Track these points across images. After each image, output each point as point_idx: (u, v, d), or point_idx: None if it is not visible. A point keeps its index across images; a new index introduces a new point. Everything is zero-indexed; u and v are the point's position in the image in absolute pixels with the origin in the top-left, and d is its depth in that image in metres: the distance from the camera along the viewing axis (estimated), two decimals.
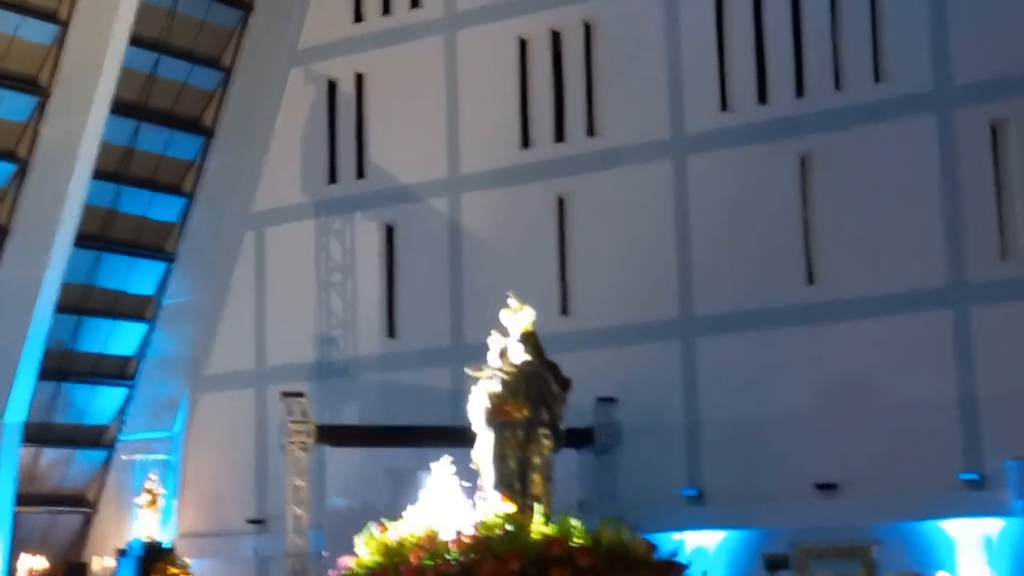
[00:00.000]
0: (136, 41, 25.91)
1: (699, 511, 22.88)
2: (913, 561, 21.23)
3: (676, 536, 22.62)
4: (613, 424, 23.03)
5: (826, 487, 21.88)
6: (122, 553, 23.59)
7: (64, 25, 25.66)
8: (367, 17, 27.55)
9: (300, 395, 21.76)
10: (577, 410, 20.92)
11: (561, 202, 25.22)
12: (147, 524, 23.95)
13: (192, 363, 28.44)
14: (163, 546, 23.66)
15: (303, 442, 21.23)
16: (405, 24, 27.09)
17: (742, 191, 23.42)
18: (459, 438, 18.92)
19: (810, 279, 22.94)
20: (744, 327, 23.09)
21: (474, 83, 26.26)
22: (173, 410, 28.40)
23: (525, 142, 25.72)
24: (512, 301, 15.52)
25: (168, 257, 28.74)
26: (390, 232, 26.97)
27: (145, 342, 28.82)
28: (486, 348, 16.75)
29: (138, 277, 28.58)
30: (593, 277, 24.60)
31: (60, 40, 25.72)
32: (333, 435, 22.04)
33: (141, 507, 23.97)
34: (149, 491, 24.14)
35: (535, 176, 25.39)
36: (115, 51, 25.21)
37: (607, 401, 23.08)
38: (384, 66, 27.20)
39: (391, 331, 26.65)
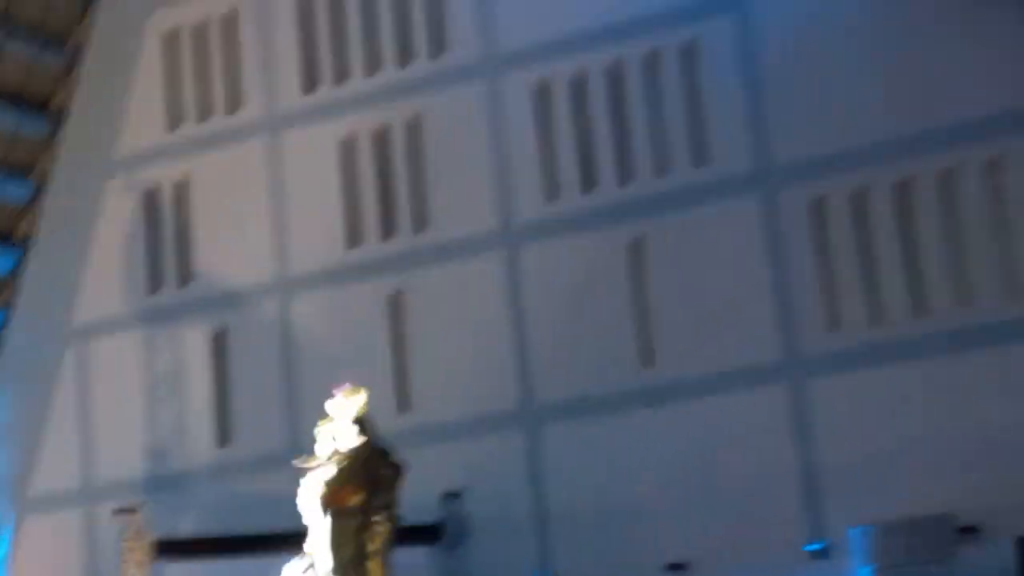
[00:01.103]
0: None
1: None
2: None
3: None
4: (461, 518, 22.76)
5: (676, 568, 21.95)
6: None
7: None
8: (185, 122, 27.14)
9: (134, 510, 20.96)
10: (424, 506, 20.72)
11: (394, 298, 25.05)
12: None
13: (15, 484, 27.21)
14: None
15: (139, 560, 20.40)
16: (225, 128, 26.76)
17: (575, 279, 23.61)
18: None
19: (648, 362, 23.16)
20: (586, 413, 23.15)
21: (299, 184, 26.03)
22: None
23: (354, 240, 25.54)
24: (345, 385, 15.36)
25: None
26: (219, 338, 26.39)
27: None
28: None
29: None
30: (432, 372, 24.41)
31: None
32: (171, 549, 21.24)
33: None
34: None
35: (366, 274, 25.20)
36: None
37: (453, 496, 22.82)
38: (205, 170, 26.79)
39: (224, 439, 25.97)
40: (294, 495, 24.49)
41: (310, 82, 26.37)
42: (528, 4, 24.78)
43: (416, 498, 18.09)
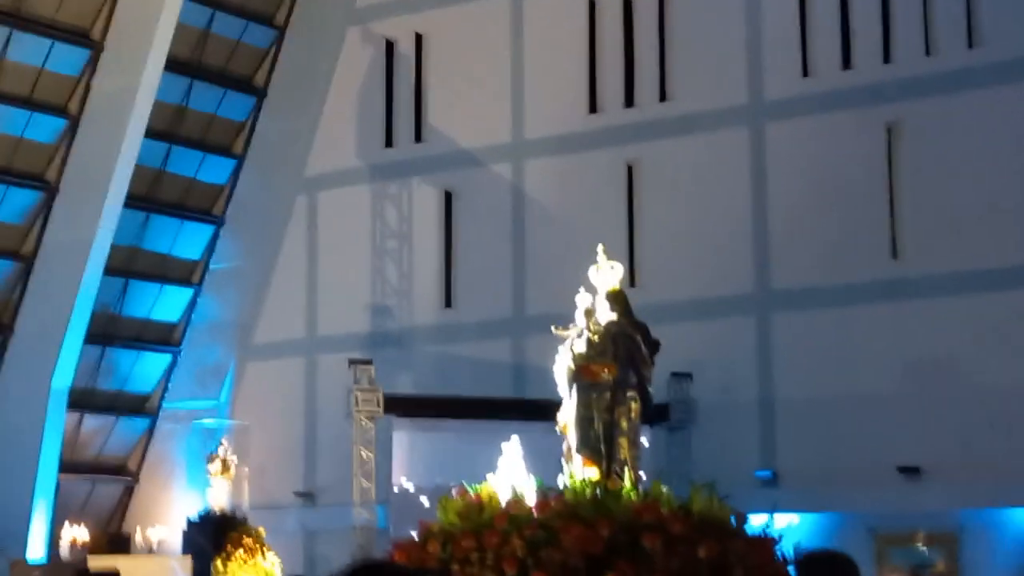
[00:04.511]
0: None
1: (773, 493, 21.93)
2: (1000, 549, 20.35)
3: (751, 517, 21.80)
4: (688, 400, 22.12)
5: (909, 471, 20.96)
6: (192, 522, 22.64)
7: None
8: None
9: (368, 362, 20.91)
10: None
11: (630, 170, 24.30)
12: (219, 492, 22.96)
13: (240, 330, 27.58)
14: (235, 515, 22.70)
15: (370, 411, 20.35)
16: None
17: (824, 161, 22.47)
18: (532, 411, 18.02)
19: (894, 254, 22.01)
20: (823, 303, 22.18)
21: (540, 45, 25.31)
22: (219, 378, 27.57)
23: (593, 107, 24.78)
24: (601, 257, 14.74)
25: (216, 220, 27.87)
26: (449, 198, 26.05)
27: (191, 308, 27.98)
28: (549, 320, 15.98)
29: (185, 240, 27.73)
30: (663, 248, 23.67)
31: None
32: (400, 405, 21.16)
33: (213, 474, 22.99)
34: (221, 458, 23.18)
35: (603, 142, 24.45)
36: (172, 4, 24.29)
37: (682, 376, 22.14)
38: (445, 26, 26.26)
39: (448, 301, 25.77)
40: (515, 363, 24.32)
41: None
42: None
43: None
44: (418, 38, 26.54)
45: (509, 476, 14.09)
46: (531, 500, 13.18)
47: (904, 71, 22.12)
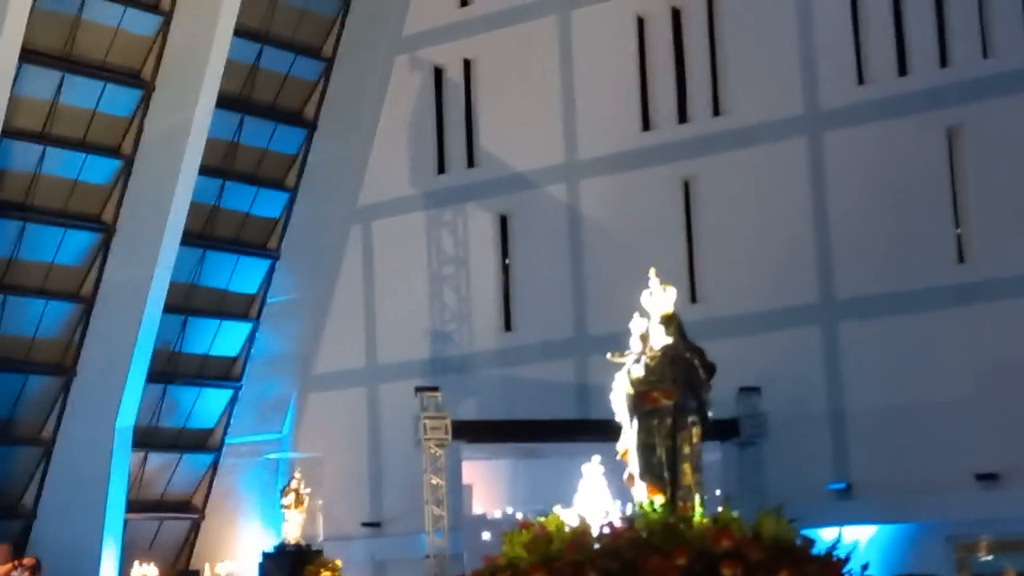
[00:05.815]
0: (238, 32, 25.07)
1: (848, 505, 21.70)
2: None
3: (825, 531, 21.55)
4: (758, 415, 21.88)
5: (987, 477, 20.64)
6: (268, 555, 22.60)
7: (167, 16, 24.87)
8: (474, 0, 26.56)
9: (434, 389, 20.83)
10: (716, 401, 19.94)
11: (687, 185, 24.14)
12: (293, 525, 22.93)
13: (300, 362, 27.56)
14: (311, 548, 22.66)
15: (439, 438, 20.26)
16: (515, 6, 26.05)
17: (884, 167, 22.23)
18: (602, 432, 17.84)
19: (960, 258, 21.73)
20: (890, 310, 21.92)
21: (590, 64, 25.21)
22: (281, 411, 27.55)
23: (646, 124, 24.65)
24: (653, 282, 14.57)
25: (272, 254, 27.89)
26: (504, 222, 25.97)
27: (250, 342, 27.98)
28: (611, 339, 15.88)
29: (242, 275, 27.75)
30: (724, 263, 23.49)
31: (163, 32, 24.94)
32: (468, 430, 21.06)
33: (286, 507, 22.98)
34: (294, 491, 23.15)
35: (658, 159, 24.31)
36: (220, 42, 24.38)
37: (750, 391, 21.92)
38: (493, 50, 26.22)
39: (508, 324, 25.65)
40: (579, 384, 24.16)
41: None
42: None
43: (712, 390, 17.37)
44: (466, 63, 26.51)
45: (591, 499, 13.90)
46: (608, 526, 12.97)
47: (962, 74, 21.88)
